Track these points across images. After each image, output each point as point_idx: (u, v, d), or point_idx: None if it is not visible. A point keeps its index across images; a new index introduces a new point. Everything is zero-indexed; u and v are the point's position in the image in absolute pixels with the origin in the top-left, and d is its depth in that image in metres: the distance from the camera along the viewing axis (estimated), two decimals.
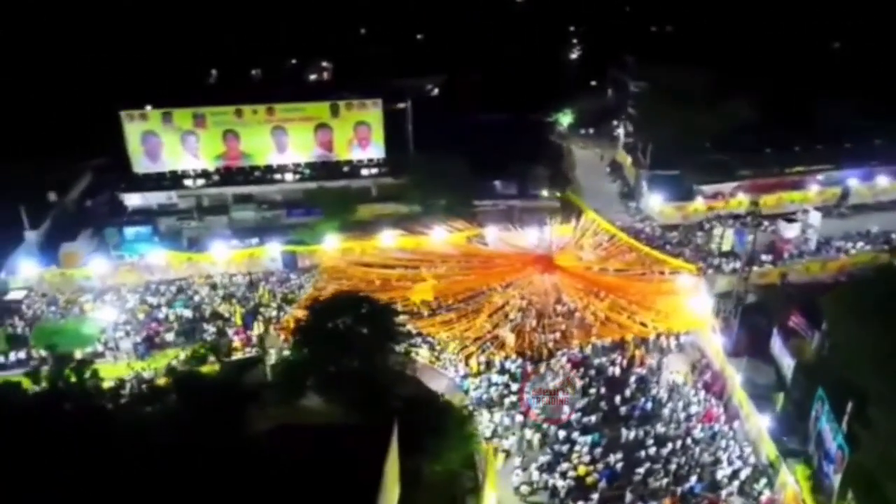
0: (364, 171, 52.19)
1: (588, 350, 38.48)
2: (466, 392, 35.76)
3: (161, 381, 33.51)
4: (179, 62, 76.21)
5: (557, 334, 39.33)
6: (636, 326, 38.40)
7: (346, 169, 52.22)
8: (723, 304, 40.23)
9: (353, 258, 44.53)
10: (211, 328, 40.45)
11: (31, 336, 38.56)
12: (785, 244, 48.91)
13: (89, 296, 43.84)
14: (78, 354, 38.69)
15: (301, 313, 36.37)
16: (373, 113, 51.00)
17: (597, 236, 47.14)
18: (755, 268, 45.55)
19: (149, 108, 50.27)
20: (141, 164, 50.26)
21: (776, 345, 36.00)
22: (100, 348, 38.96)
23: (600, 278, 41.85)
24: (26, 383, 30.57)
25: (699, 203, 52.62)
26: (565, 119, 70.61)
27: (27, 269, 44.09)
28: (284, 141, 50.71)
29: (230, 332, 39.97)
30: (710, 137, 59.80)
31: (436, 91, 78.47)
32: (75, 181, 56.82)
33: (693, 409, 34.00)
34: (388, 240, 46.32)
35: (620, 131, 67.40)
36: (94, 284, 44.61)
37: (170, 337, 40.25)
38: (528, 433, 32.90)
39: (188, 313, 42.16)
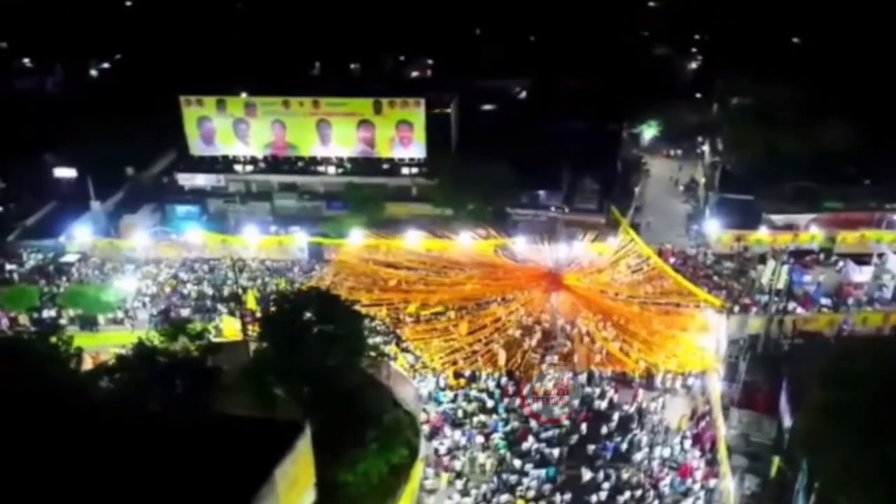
0: (404, 170, 51.98)
1: (583, 378, 36.02)
2: (440, 404, 34.72)
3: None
4: (288, 53, 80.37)
5: (555, 357, 37.20)
6: (631, 361, 35.41)
7: (386, 166, 52.28)
8: (733, 347, 36.13)
9: (367, 255, 44.44)
10: (223, 308, 41.99)
11: (61, 297, 41.75)
12: (854, 289, 43.08)
13: (131, 266, 46.99)
14: (101, 319, 42.16)
15: None
16: (415, 112, 50.58)
17: (629, 258, 43.90)
18: (802, 311, 40.88)
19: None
20: (197, 147, 53.26)
21: (782, 400, 31.78)
22: (120, 315, 41.66)
23: (608, 304, 38.91)
24: None
25: (763, 233, 47.49)
26: (649, 131, 66.44)
27: (82, 236, 47.94)
28: (328, 134, 51.63)
29: (237, 313, 41.24)
30: (801, 162, 53.97)
31: (523, 94, 76.47)
32: (160, 157, 60.98)
33: (669, 458, 30.84)
34: (413, 241, 45.79)
35: (706, 149, 62.58)
36: (138, 255, 47.71)
37: (186, 312, 42.24)
38: (482, 457, 31.31)
39: (209, 292, 44.03)
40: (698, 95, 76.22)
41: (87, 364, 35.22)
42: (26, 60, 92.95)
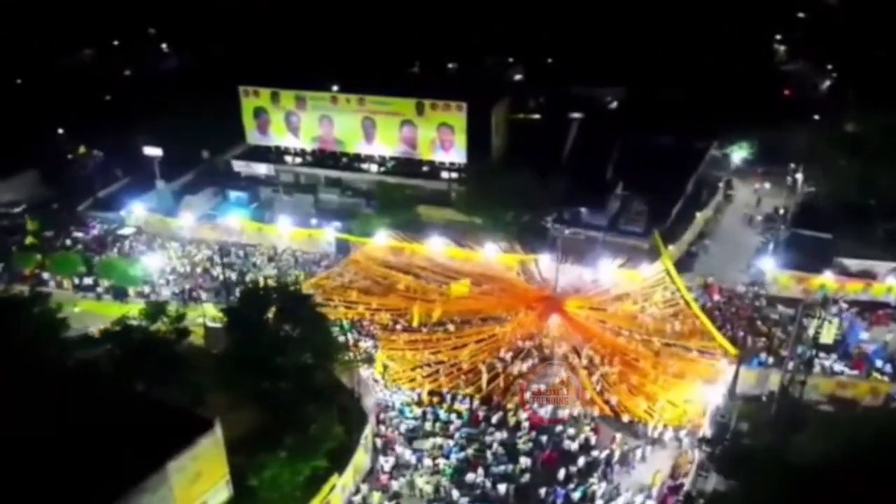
0: (444, 175, 50.70)
1: (565, 412, 33.33)
2: (405, 418, 33.48)
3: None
4: (393, 53, 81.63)
5: (542, 387, 34.67)
6: (603, 404, 32.33)
7: (425, 169, 51.30)
8: (730, 403, 31.88)
9: (389, 257, 43.87)
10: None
11: (97, 267, 44.64)
12: None
13: (176, 243, 49.43)
14: (131, 292, 44.62)
15: None
16: (456, 115, 48.95)
17: (662, 289, 40.23)
18: (844, 372, 35.48)
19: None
20: (253, 137, 55.09)
21: None
22: (146, 290, 43.93)
23: (607, 337, 35.67)
24: None
25: (828, 278, 41.57)
26: (740, 153, 60.44)
27: (138, 211, 51.06)
28: (372, 132, 51.40)
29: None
30: None
31: (614, 104, 72.49)
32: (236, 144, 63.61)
33: None
34: (436, 246, 44.63)
35: (799, 177, 56.04)
36: (184, 235, 50.11)
37: (206, 294, 43.78)
38: (421, 481, 29.78)
39: (233, 276, 45.34)
40: (816, 118, 68.64)
41: None
42: (164, 45, 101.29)
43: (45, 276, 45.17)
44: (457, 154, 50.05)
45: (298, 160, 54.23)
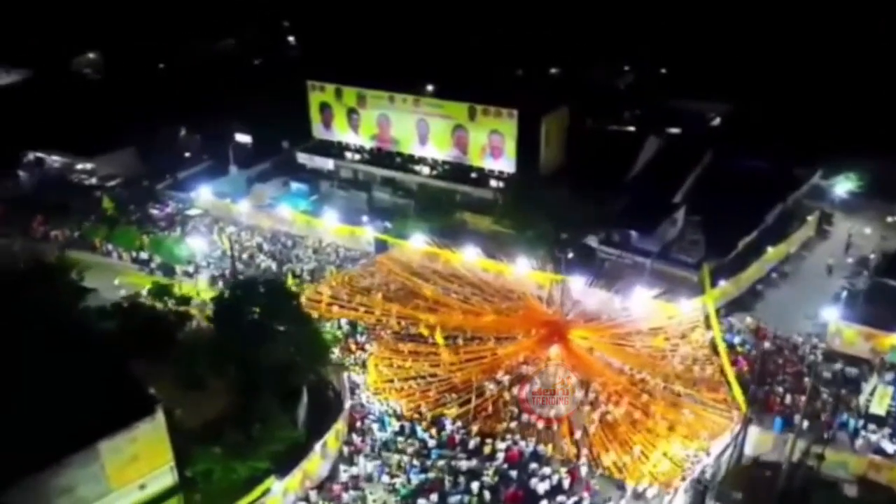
0: (492, 183, 48.80)
1: (547, 449, 31.01)
2: (384, 428, 32.54)
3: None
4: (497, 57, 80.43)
5: (534, 418, 32.48)
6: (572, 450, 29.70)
7: (474, 175, 49.62)
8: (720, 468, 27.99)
9: (405, 261, 43.06)
10: None
11: (147, 243, 47.17)
12: None
13: (233, 228, 51.31)
14: (178, 269, 46.73)
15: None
16: (507, 123, 46.87)
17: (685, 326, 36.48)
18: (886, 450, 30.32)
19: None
20: (318, 131, 55.94)
21: None
22: (190, 270, 45.88)
23: (608, 373, 32.61)
24: None
25: None
26: (845, 185, 53.45)
27: (204, 195, 53.49)
28: (426, 134, 50.57)
29: None
30: None
31: (717, 121, 66.82)
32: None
33: None
34: (470, 256, 43.17)
35: None
36: (242, 220, 51.95)
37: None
38: (370, 498, 28.71)
39: (274, 266, 46.34)
40: None
41: None
42: (291, 38, 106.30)
43: (110, 247, 48.46)
44: (506, 162, 48.20)
45: (357, 157, 54.60)
